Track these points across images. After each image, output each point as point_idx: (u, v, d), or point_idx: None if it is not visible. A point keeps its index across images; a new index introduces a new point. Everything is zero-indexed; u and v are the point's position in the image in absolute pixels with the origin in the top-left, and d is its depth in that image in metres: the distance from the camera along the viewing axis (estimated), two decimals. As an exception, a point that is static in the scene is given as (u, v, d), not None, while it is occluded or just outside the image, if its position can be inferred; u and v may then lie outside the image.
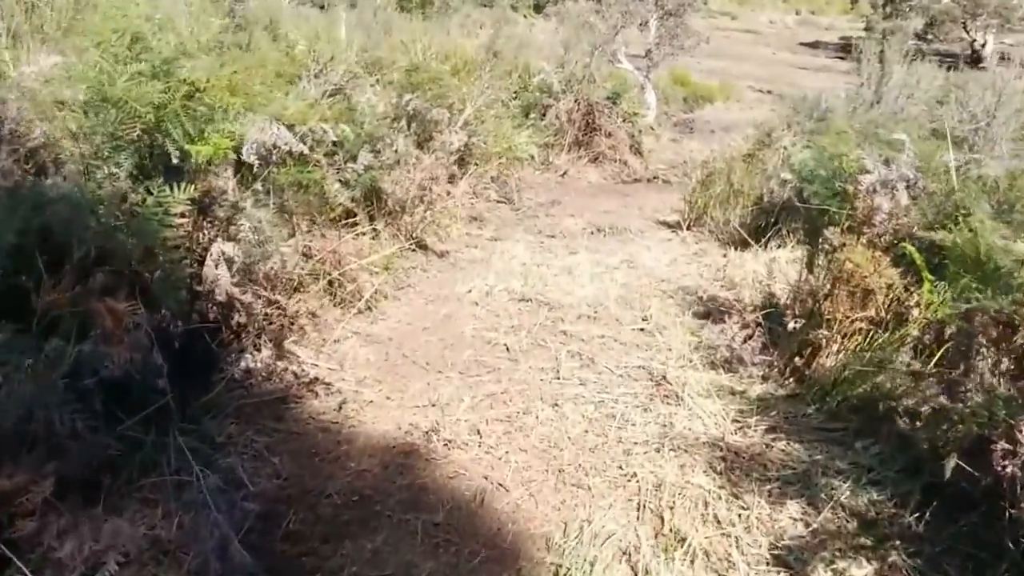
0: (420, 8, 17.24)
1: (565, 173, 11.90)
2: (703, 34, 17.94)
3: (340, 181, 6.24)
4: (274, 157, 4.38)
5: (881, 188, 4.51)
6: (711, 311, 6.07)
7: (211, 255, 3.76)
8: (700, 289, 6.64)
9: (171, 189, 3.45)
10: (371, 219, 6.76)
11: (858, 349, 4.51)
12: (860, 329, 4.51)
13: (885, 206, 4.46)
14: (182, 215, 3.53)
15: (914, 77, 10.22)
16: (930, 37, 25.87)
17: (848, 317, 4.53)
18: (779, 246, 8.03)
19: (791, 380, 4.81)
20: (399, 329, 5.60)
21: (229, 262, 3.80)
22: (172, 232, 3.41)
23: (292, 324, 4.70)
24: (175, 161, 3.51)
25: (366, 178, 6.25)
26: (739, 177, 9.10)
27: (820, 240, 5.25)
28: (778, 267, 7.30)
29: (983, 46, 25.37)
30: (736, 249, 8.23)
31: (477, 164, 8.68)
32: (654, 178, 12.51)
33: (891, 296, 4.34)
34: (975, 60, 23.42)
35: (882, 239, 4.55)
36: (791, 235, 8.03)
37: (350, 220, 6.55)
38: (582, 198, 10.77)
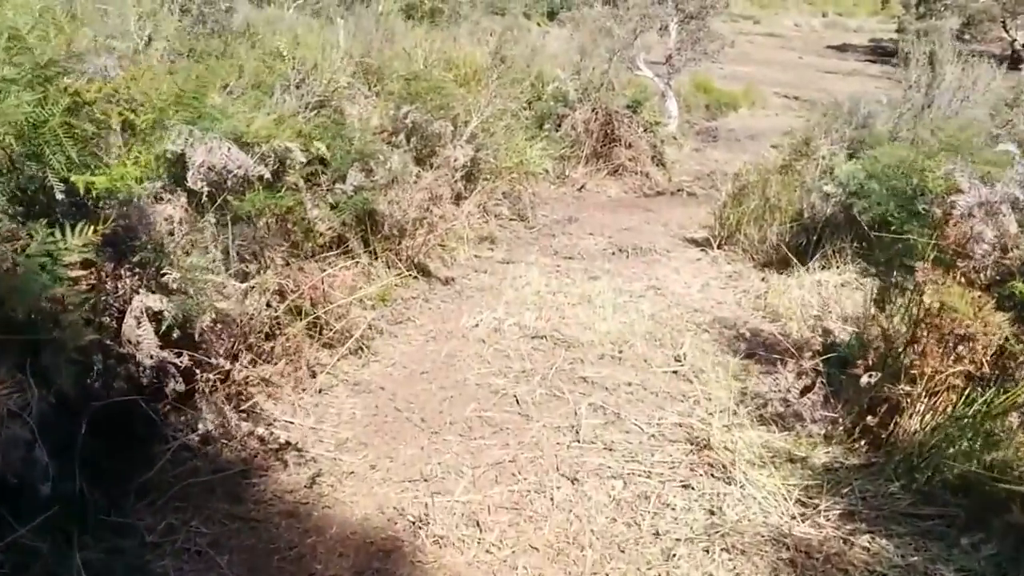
0: (429, 16, 16.48)
1: (583, 187, 11.09)
2: (727, 38, 17.15)
3: (328, 204, 5.47)
4: (229, 183, 3.58)
5: (981, 212, 3.66)
6: (755, 349, 5.24)
7: (132, 311, 2.96)
8: (739, 321, 5.81)
9: (63, 231, 2.65)
10: (365, 245, 5.97)
11: (953, 410, 3.66)
12: (955, 386, 3.66)
13: (988, 234, 3.60)
14: (85, 263, 2.74)
15: (969, 78, 9.34)
16: (967, 37, 24.88)
17: (939, 370, 3.67)
18: (824, 267, 7.19)
19: (863, 444, 3.96)
20: (393, 374, 4.79)
21: (156, 318, 3.01)
22: (71, 285, 2.62)
23: (245, 389, 3.89)
24: (59, 195, 2.70)
25: (357, 200, 5.46)
26: (775, 191, 8.25)
27: (896, 273, 4.40)
28: (827, 293, 6.47)
29: (1022, 46, 24.38)
30: (775, 271, 7.40)
31: (487, 180, 7.88)
32: (678, 191, 11.68)
33: (996, 346, 3.50)
34: (1015, 61, 22.41)
35: (983, 275, 3.70)
36: (837, 255, 7.19)
37: (342, 247, 5.77)
38: (601, 214, 9.95)
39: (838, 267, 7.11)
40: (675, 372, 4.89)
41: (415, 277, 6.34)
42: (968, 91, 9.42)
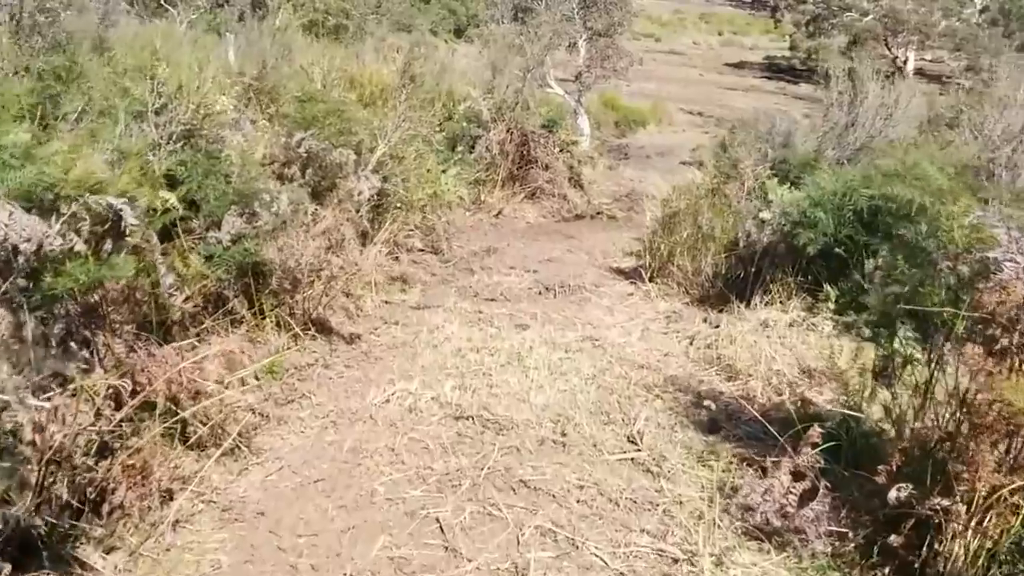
0: (333, 33, 15.17)
1: (500, 212, 9.95)
2: (635, 55, 16.23)
3: (202, 257, 4.21)
4: (20, 261, 2.35)
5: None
6: (720, 422, 4.15)
7: None
8: (693, 380, 4.74)
9: None
10: (251, 303, 4.72)
11: (1010, 535, 2.61)
12: (1016, 505, 2.62)
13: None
14: None
15: (891, 96, 8.47)
16: (854, 55, 24.52)
17: (993, 484, 2.62)
18: (767, 303, 6.20)
19: (887, 572, 2.89)
20: (279, 487, 3.54)
21: None
22: None
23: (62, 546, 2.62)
24: None
25: (235, 252, 4.22)
26: (707, 217, 7.23)
27: (898, 337, 3.35)
28: (778, 336, 5.45)
29: (905, 63, 24.15)
30: (715, 308, 6.39)
31: (397, 212, 6.68)
32: (598, 214, 10.63)
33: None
34: (901, 77, 22.10)
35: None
36: (781, 289, 6.20)
37: (220, 309, 4.51)
38: (521, 242, 8.83)
39: (782, 303, 6.14)
40: (632, 460, 3.76)
41: (313, 337, 5.10)
42: (891, 109, 8.56)
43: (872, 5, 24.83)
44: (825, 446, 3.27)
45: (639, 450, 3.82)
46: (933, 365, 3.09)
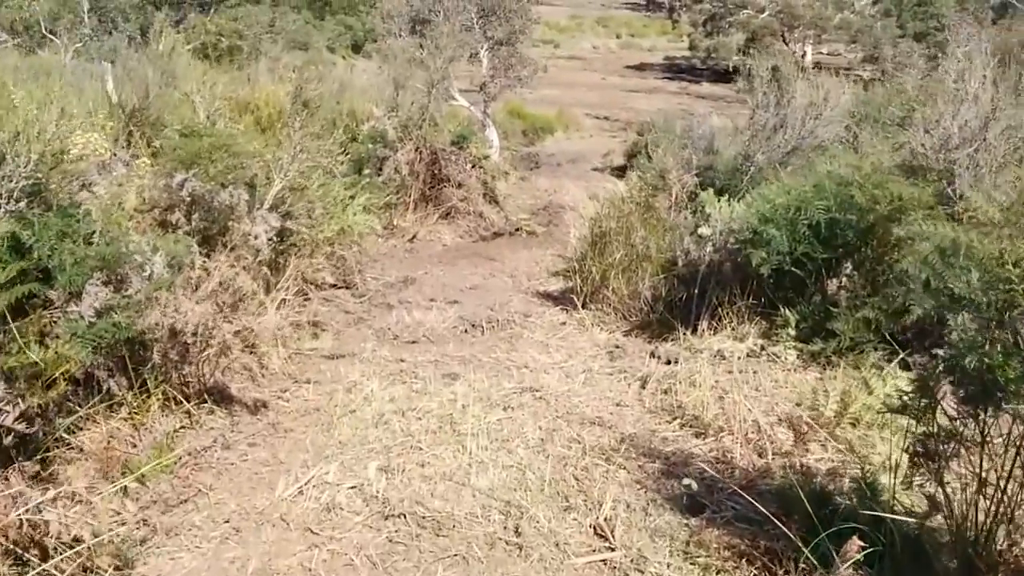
0: (228, 55, 14.21)
1: (414, 237, 9.23)
2: (539, 63, 15.69)
3: (69, 333, 3.40)
4: None
5: None
6: (702, 498, 3.49)
7: None
8: (656, 439, 4.10)
9: None
10: (130, 383, 3.90)
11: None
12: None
13: None
14: None
15: (819, 95, 7.99)
16: (752, 51, 24.48)
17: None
18: (715, 330, 5.62)
19: None
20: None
21: None
22: None
23: None
24: None
25: (101, 329, 3.40)
26: (641, 235, 6.63)
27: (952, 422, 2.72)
28: (738, 369, 4.85)
29: (803, 56, 24.18)
30: (658, 337, 5.78)
31: (302, 252, 5.90)
32: (516, 230, 9.97)
33: None
34: (801, 70, 22.05)
35: None
36: (731, 314, 5.62)
37: (95, 396, 3.70)
38: (440, 268, 8.12)
39: (734, 328, 5.56)
40: (605, 563, 3.07)
41: (210, 410, 4.30)
42: (819, 108, 8.09)
43: (768, 2, 24.83)
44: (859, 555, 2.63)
45: (611, 548, 3.13)
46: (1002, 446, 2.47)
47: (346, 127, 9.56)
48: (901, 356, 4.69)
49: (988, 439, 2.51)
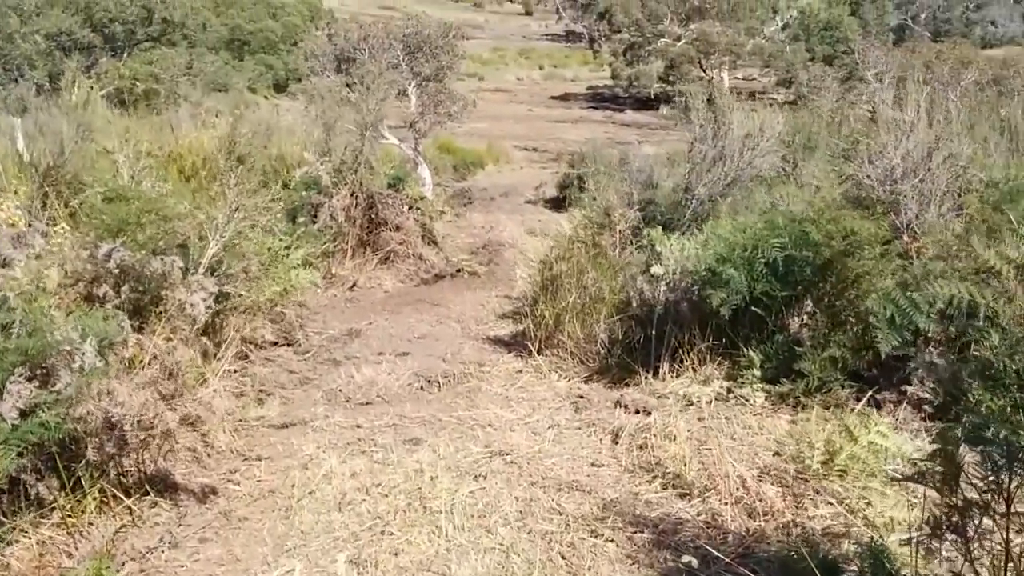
0: (144, 99, 13.64)
1: (354, 285, 8.83)
2: (469, 98, 15.46)
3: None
4: None
5: None
6: (696, 571, 3.19)
7: None
8: (639, 503, 3.80)
9: None
10: (62, 483, 3.46)
11: None
12: None
13: None
14: None
15: (755, 124, 7.85)
16: (672, 78, 24.71)
17: None
18: (677, 373, 5.38)
19: None
20: None
21: None
22: None
23: None
24: None
25: (27, 430, 2.97)
26: (592, 277, 6.36)
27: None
28: (708, 415, 4.61)
29: (720, 82, 24.44)
30: (621, 383, 5.52)
31: (243, 317, 5.48)
32: (458, 271, 9.62)
33: None
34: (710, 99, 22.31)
35: None
36: (691, 355, 5.38)
37: (20, 502, 3.25)
38: (384, 318, 7.74)
39: (695, 370, 5.32)
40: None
41: (154, 502, 3.87)
42: (756, 139, 7.95)
43: (684, 30, 25.08)
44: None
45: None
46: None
47: (275, 172, 9.17)
48: (870, 394, 4.53)
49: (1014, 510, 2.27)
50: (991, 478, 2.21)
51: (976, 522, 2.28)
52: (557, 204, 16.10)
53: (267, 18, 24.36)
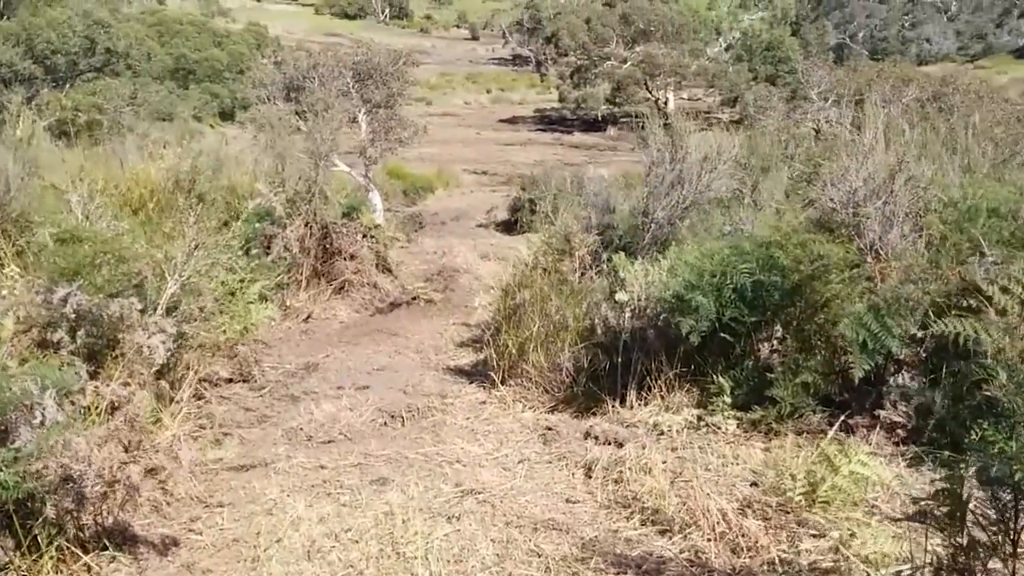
0: (86, 130, 13.35)
1: (309, 316, 8.69)
2: (420, 123, 15.45)
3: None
4: None
5: None
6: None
7: None
8: (619, 540, 3.73)
9: None
10: (17, 542, 3.30)
11: None
12: None
13: None
14: None
15: (712, 147, 7.90)
16: (619, 100, 24.94)
17: None
18: (645, 401, 5.36)
19: None
20: None
21: None
22: None
23: None
24: None
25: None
26: (556, 305, 6.32)
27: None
28: (680, 444, 4.59)
29: (666, 103, 24.74)
30: (590, 413, 5.46)
31: (202, 356, 5.34)
32: (413, 299, 9.54)
33: None
34: (665, 116, 22.58)
35: None
36: (659, 382, 5.36)
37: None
38: (341, 350, 7.63)
39: (663, 398, 5.30)
40: None
41: (112, 557, 3.71)
42: (714, 162, 8.00)
43: (629, 53, 25.35)
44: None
45: None
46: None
47: (227, 204, 9.01)
48: (842, 419, 4.53)
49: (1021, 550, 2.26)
50: (998, 518, 2.19)
51: (983, 564, 2.26)
52: (509, 227, 16.12)
53: (212, 47, 24.13)
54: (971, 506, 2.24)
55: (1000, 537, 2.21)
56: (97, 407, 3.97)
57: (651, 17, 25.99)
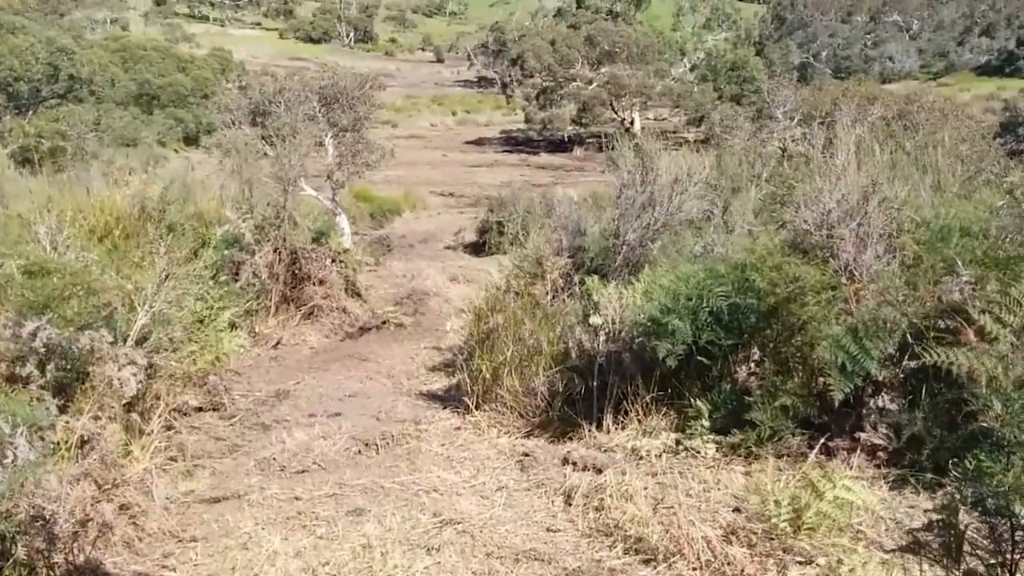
0: (50, 157, 13.21)
1: (279, 342, 8.62)
2: (387, 146, 15.46)
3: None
4: None
5: None
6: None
7: None
8: (603, 570, 3.72)
9: None
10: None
11: None
12: None
13: None
14: None
15: (683, 168, 7.96)
16: (585, 121, 25.14)
17: None
18: (621, 425, 5.36)
19: None
20: None
21: None
22: None
23: None
24: None
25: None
26: (529, 329, 6.33)
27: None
28: (660, 469, 4.60)
29: (632, 123, 24.95)
30: (566, 438, 5.46)
31: (173, 387, 5.28)
32: (383, 323, 9.48)
33: None
34: (631, 133, 22.75)
35: None
36: (636, 406, 5.36)
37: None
38: (311, 376, 7.57)
39: (641, 422, 5.30)
40: None
41: (85, 597, 3.65)
42: (685, 183, 8.06)
43: (595, 74, 25.57)
44: None
45: None
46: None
47: (195, 231, 8.94)
48: (823, 441, 4.56)
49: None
50: (995, 548, 2.20)
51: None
52: (477, 249, 16.13)
53: (176, 72, 24.03)
54: (968, 537, 2.26)
55: (998, 568, 2.22)
56: (67, 442, 3.91)
57: (616, 38, 26.29)
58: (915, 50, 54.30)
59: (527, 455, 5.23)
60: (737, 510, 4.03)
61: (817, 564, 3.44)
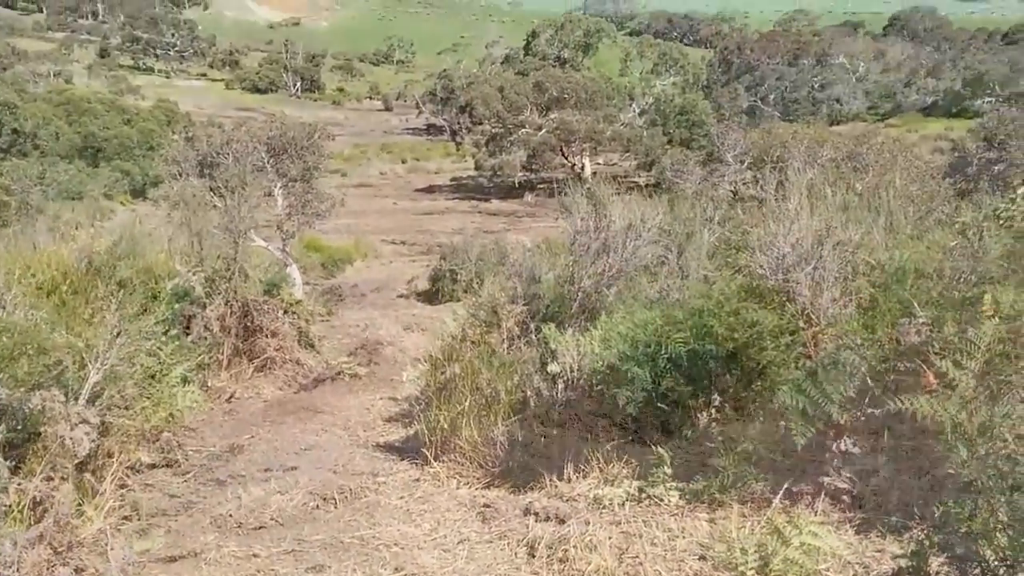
0: (-8, 213, 13.08)
1: (232, 396, 8.58)
2: (337, 196, 15.49)
3: None
4: None
5: None
6: None
7: None
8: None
9: None
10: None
11: None
12: None
13: None
14: None
15: (636, 215, 8.11)
16: (535, 166, 25.44)
17: None
18: (582, 474, 5.37)
19: None
20: None
21: None
22: None
23: None
24: None
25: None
26: (487, 379, 6.36)
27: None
28: (624, 518, 4.62)
29: (582, 168, 25.30)
30: (527, 488, 5.47)
31: (125, 444, 5.23)
32: (338, 375, 9.49)
33: None
34: (581, 180, 23.06)
35: None
36: (597, 455, 5.39)
37: None
38: (266, 429, 7.52)
39: (602, 470, 5.33)
40: None
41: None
42: (639, 229, 8.20)
43: (544, 120, 25.93)
44: None
45: None
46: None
47: (144, 284, 8.88)
48: (786, 486, 4.62)
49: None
50: None
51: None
52: (431, 297, 16.15)
53: (122, 124, 23.92)
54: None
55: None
56: (20, 504, 3.87)
57: (564, 84, 26.74)
58: (862, 92, 55.84)
59: (488, 506, 5.23)
60: (703, 558, 4.06)
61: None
